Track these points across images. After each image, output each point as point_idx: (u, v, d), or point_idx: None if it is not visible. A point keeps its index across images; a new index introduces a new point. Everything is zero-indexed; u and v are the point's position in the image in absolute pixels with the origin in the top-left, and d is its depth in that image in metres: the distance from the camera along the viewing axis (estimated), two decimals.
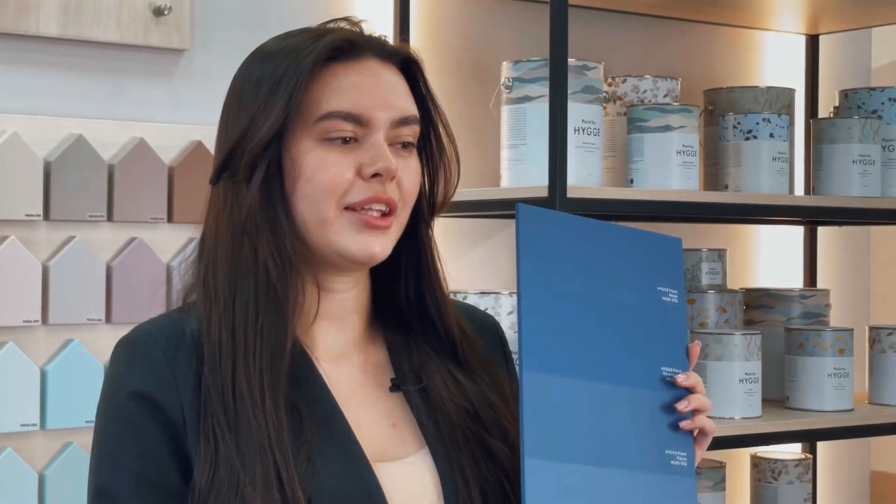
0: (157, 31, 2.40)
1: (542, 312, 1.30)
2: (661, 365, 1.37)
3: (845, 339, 2.67)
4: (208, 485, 1.25)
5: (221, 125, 1.38)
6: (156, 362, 1.31)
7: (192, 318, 1.34)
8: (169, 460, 1.29)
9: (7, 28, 2.26)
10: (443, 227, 2.74)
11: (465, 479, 1.34)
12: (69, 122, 2.32)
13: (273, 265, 1.31)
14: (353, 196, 1.32)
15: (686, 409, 1.36)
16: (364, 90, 1.33)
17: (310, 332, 1.37)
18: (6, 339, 2.25)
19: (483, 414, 1.38)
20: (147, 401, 1.29)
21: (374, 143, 1.33)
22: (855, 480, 3.41)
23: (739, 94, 2.75)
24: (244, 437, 1.26)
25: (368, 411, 1.37)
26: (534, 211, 1.32)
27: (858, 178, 2.67)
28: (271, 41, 1.39)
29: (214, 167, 1.37)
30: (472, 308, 1.54)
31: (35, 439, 2.27)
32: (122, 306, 2.33)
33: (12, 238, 2.24)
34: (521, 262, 1.30)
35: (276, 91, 1.31)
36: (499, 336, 1.52)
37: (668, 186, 2.45)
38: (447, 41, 2.76)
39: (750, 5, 2.98)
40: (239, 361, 1.29)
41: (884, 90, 2.79)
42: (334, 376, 1.36)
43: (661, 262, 1.41)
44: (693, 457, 1.37)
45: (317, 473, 1.27)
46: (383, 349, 1.42)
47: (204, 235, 1.37)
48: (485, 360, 1.44)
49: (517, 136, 2.39)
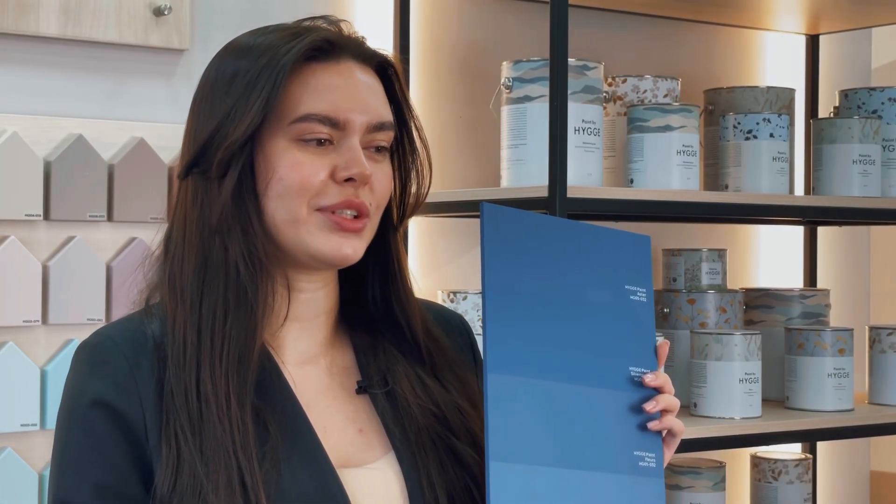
0: (156, 31, 2.40)
1: (507, 313, 1.29)
2: (630, 365, 1.36)
3: (845, 339, 2.67)
4: (169, 491, 1.24)
5: (192, 118, 1.36)
6: (117, 369, 1.28)
7: (155, 321, 1.32)
8: (131, 471, 1.27)
9: (7, 28, 2.26)
10: (443, 227, 2.75)
11: (431, 484, 1.33)
12: (69, 122, 2.32)
13: (244, 266, 1.29)
14: (325, 199, 1.31)
15: (654, 410, 1.34)
16: (342, 92, 1.32)
17: (277, 335, 1.35)
18: (6, 339, 2.25)
19: (451, 418, 1.37)
20: (109, 409, 1.27)
21: (350, 146, 1.32)
22: (855, 480, 3.41)
23: (739, 94, 2.75)
24: (208, 442, 1.24)
25: (334, 416, 1.35)
26: (499, 210, 1.31)
27: (858, 178, 2.67)
28: (245, 36, 1.37)
29: (183, 162, 1.34)
30: (440, 308, 1.52)
31: (35, 439, 2.27)
32: (122, 306, 2.32)
33: (12, 238, 2.24)
34: (486, 261, 1.28)
35: (252, 88, 1.30)
36: (467, 333, 1.50)
37: (668, 186, 2.45)
38: (447, 41, 2.76)
39: (750, 5, 2.98)
40: (204, 364, 1.27)
41: (884, 90, 2.79)
42: (300, 380, 1.35)
43: (629, 261, 1.39)
44: (662, 457, 1.35)
45: (282, 480, 1.25)
46: (350, 352, 1.41)
47: (170, 233, 1.35)
48: (455, 364, 1.43)
49: (517, 136, 2.39)
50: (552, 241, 1.34)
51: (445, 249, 2.75)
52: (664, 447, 1.37)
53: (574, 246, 1.36)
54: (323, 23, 1.38)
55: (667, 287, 2.81)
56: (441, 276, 2.74)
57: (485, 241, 1.29)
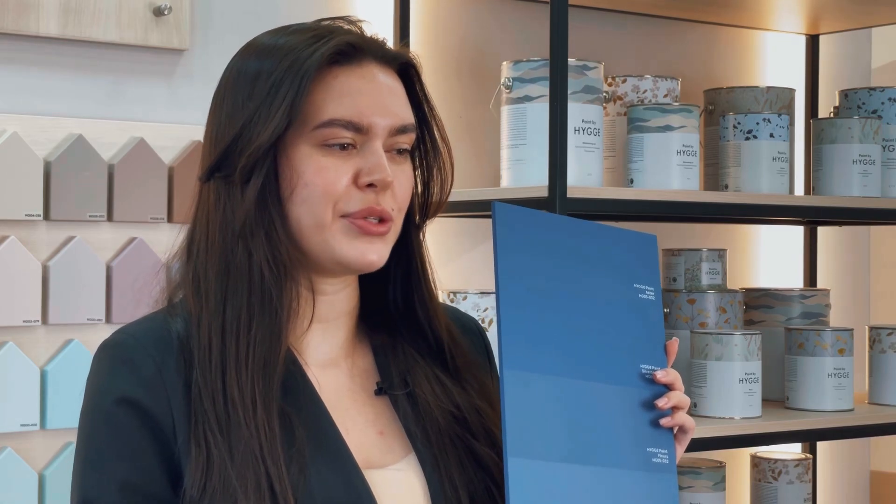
0: (156, 31, 2.40)
1: (520, 311, 1.30)
2: (640, 362, 1.37)
3: (845, 339, 2.67)
4: (199, 492, 1.23)
5: (212, 118, 1.35)
6: (144, 368, 1.28)
7: (179, 320, 1.31)
8: (157, 469, 1.26)
9: (7, 28, 2.26)
10: (443, 227, 2.75)
11: (453, 486, 1.33)
12: (69, 122, 2.32)
13: (268, 271, 1.29)
14: (348, 206, 1.31)
15: (666, 406, 1.35)
16: (364, 96, 1.32)
17: (301, 338, 1.35)
18: (6, 339, 2.25)
19: (470, 419, 1.37)
20: (136, 407, 1.27)
21: (373, 150, 1.31)
22: (855, 480, 3.41)
23: (739, 94, 2.75)
24: (236, 444, 1.24)
25: (356, 418, 1.35)
26: (510, 209, 1.31)
27: (858, 178, 2.67)
28: (266, 36, 1.36)
29: (205, 164, 1.34)
30: (455, 310, 1.53)
31: (35, 439, 2.27)
32: (122, 306, 2.32)
33: (12, 238, 2.24)
34: (499, 260, 1.29)
35: (276, 92, 1.29)
36: (482, 338, 1.51)
37: (668, 186, 2.45)
38: (447, 41, 2.76)
39: (750, 5, 2.98)
40: (230, 369, 1.26)
41: (884, 90, 2.79)
42: (323, 382, 1.35)
43: (637, 260, 1.40)
44: (674, 454, 1.36)
45: (309, 482, 1.25)
46: (369, 353, 1.41)
47: (193, 234, 1.35)
48: (473, 366, 1.43)
49: (517, 136, 2.39)
50: (563, 239, 1.35)
51: (446, 249, 2.75)
52: (676, 444, 1.38)
53: (584, 245, 1.37)
54: (343, 23, 1.37)
55: (667, 287, 2.81)
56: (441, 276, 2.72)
57: (497, 239, 1.30)
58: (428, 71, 1.42)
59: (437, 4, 2.76)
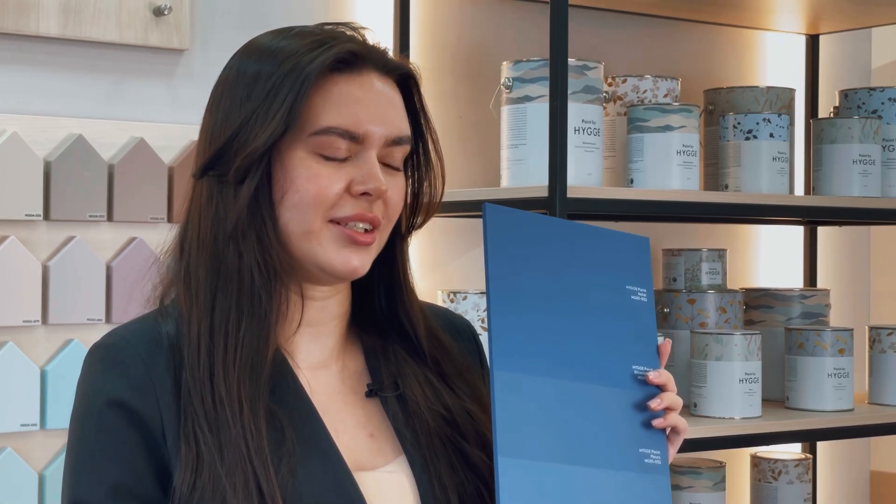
0: (156, 31, 2.40)
1: (511, 312, 1.30)
2: (632, 363, 1.37)
3: (845, 339, 2.67)
4: (189, 491, 1.23)
5: (208, 115, 1.35)
6: (133, 369, 1.28)
7: (170, 320, 1.31)
8: (147, 471, 1.26)
9: (7, 28, 2.26)
10: (443, 226, 2.75)
11: (443, 487, 1.33)
12: (69, 122, 2.32)
13: (258, 273, 1.29)
14: (340, 211, 1.31)
15: (658, 408, 1.35)
16: (362, 105, 1.32)
17: (291, 340, 1.35)
18: (6, 339, 2.25)
19: (461, 421, 1.37)
20: (126, 409, 1.27)
21: (367, 160, 1.31)
22: (855, 480, 3.41)
23: (739, 94, 2.75)
24: (225, 442, 1.24)
25: (346, 420, 1.36)
26: (500, 210, 1.31)
27: (858, 178, 2.67)
28: (267, 37, 1.36)
29: (199, 162, 1.33)
30: (448, 313, 1.53)
31: (35, 439, 2.27)
32: (122, 306, 2.32)
33: (12, 238, 2.24)
34: (490, 262, 1.29)
35: (275, 96, 1.29)
36: (474, 339, 1.51)
37: (669, 186, 2.45)
38: (447, 41, 2.76)
39: (750, 5, 2.98)
40: (218, 369, 1.27)
41: (884, 90, 2.79)
42: (314, 384, 1.35)
43: (629, 261, 1.40)
44: (667, 455, 1.36)
45: (298, 483, 1.26)
46: (360, 356, 1.41)
47: (185, 231, 1.34)
48: (463, 369, 1.43)
49: (517, 136, 2.39)
50: (553, 241, 1.35)
51: (446, 249, 2.75)
52: (668, 444, 1.38)
53: (575, 246, 1.37)
54: (345, 29, 1.36)
55: (667, 287, 2.81)
56: (441, 276, 2.73)
57: (487, 240, 1.29)
58: (428, 71, 1.42)
59: (437, 4, 2.76)
